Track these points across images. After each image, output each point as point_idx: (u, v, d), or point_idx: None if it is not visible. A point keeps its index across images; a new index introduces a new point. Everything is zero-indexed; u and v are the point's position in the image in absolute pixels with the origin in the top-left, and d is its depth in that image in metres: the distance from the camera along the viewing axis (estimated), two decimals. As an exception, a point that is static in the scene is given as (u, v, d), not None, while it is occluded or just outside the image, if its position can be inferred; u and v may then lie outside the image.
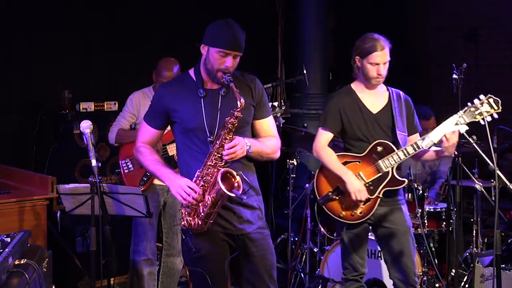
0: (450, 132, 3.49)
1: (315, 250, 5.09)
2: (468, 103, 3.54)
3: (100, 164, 3.33)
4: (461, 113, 3.54)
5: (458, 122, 3.51)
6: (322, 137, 3.79)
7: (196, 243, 3.05)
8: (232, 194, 2.88)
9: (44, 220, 4.01)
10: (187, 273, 4.54)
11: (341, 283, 3.96)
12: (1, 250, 2.75)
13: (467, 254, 5.12)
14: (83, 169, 5.11)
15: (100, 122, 4.97)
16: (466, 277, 4.80)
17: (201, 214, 2.96)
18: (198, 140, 3.05)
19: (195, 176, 2.99)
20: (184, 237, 3.08)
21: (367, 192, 3.67)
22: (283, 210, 5.56)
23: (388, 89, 3.83)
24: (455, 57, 5.78)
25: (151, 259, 4.40)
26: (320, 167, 3.82)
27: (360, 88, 3.80)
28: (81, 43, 5.69)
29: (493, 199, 4.26)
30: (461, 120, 3.52)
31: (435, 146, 3.61)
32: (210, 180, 2.95)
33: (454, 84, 4.26)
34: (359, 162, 3.73)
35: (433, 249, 5.02)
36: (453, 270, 4.56)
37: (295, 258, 5.23)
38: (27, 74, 5.42)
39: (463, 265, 5.02)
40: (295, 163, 5.25)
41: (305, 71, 5.24)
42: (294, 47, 6.96)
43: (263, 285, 3.12)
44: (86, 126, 3.41)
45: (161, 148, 4.22)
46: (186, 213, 3.01)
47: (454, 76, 4.28)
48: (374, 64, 3.66)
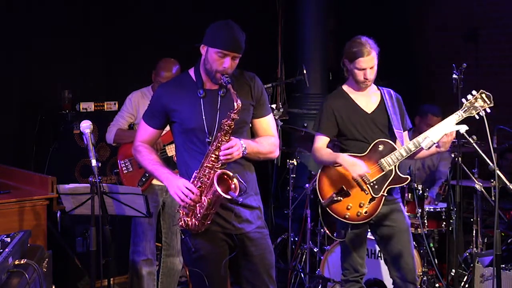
0: (453, 132, 3.53)
1: (315, 250, 5.09)
2: (463, 100, 3.60)
3: (100, 164, 3.33)
4: (460, 112, 3.58)
5: (457, 120, 3.57)
6: (318, 141, 3.80)
7: (195, 243, 3.05)
8: (228, 196, 2.88)
9: (44, 220, 4.01)
10: (187, 273, 4.55)
11: (341, 284, 3.95)
12: (1, 250, 2.75)
13: (467, 254, 5.12)
14: (83, 169, 5.11)
15: (100, 122, 4.97)
16: (466, 277, 4.80)
17: (198, 215, 2.97)
18: (197, 140, 3.05)
19: (193, 177, 2.99)
20: (184, 237, 3.08)
21: (372, 191, 3.67)
22: (283, 210, 5.56)
23: (379, 88, 3.84)
24: (455, 57, 5.78)
25: (151, 259, 4.40)
26: (321, 169, 3.81)
27: (352, 89, 3.81)
28: (81, 43, 5.69)
29: (493, 199, 4.26)
30: (456, 116, 3.59)
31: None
32: (207, 181, 2.95)
33: (454, 84, 4.26)
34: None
35: (433, 249, 5.02)
36: (453, 270, 4.56)
37: (295, 258, 5.22)
38: (27, 74, 5.42)
39: (463, 265, 5.02)
40: (295, 163, 5.25)
41: (305, 71, 5.24)
42: (294, 47, 6.96)
43: (262, 285, 3.12)
44: (86, 126, 3.41)
45: (160, 148, 4.22)
46: (184, 214, 3.02)
47: (454, 76, 4.28)
48: (360, 69, 3.67)
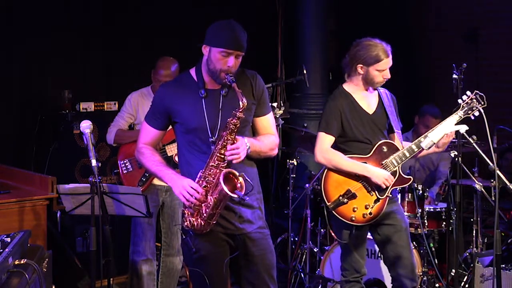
0: (453, 132, 3.57)
1: (315, 250, 5.09)
2: (458, 100, 3.65)
3: (100, 164, 3.33)
4: (460, 113, 3.60)
5: (455, 120, 3.62)
6: (325, 141, 3.74)
7: (196, 243, 3.05)
8: (235, 195, 2.88)
9: (44, 220, 4.01)
10: (187, 273, 4.54)
11: (341, 284, 3.95)
12: (1, 250, 2.75)
13: (467, 254, 5.12)
14: (83, 169, 5.11)
15: (100, 122, 4.96)
16: (466, 277, 4.80)
17: (204, 215, 2.96)
18: (199, 141, 3.06)
19: (198, 176, 2.99)
20: (185, 237, 3.08)
21: (378, 193, 3.69)
22: (283, 210, 5.56)
23: (376, 88, 3.84)
24: (455, 57, 5.78)
25: (151, 259, 4.40)
26: (326, 171, 3.76)
27: (354, 89, 3.80)
28: (81, 43, 5.69)
29: (493, 199, 4.26)
30: (457, 117, 3.63)
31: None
32: (213, 180, 2.95)
33: (454, 84, 4.26)
34: (365, 163, 3.72)
35: (433, 249, 5.01)
36: (453, 270, 4.55)
37: (295, 258, 5.22)
38: (27, 74, 5.42)
39: (463, 265, 5.01)
40: (295, 163, 5.24)
41: (305, 71, 5.24)
42: (294, 47, 6.96)
43: (263, 285, 3.12)
44: (86, 126, 3.41)
45: (159, 148, 4.22)
46: (189, 214, 3.01)
47: (454, 76, 4.28)
48: (382, 70, 3.68)
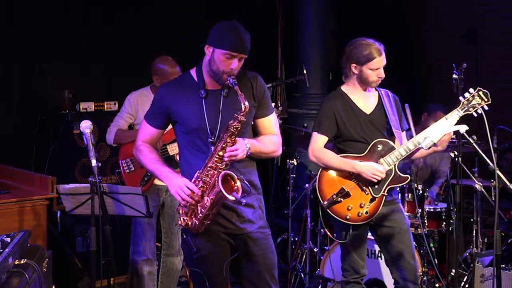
0: (452, 132, 3.55)
1: (315, 250, 5.09)
2: (460, 98, 3.62)
3: (100, 164, 3.33)
4: (459, 111, 3.59)
5: (455, 119, 3.58)
6: (318, 141, 3.77)
7: (197, 242, 3.05)
8: (232, 198, 2.88)
9: (44, 220, 4.01)
10: (187, 273, 4.55)
11: (341, 285, 3.94)
12: (1, 250, 2.75)
13: (467, 254, 5.12)
14: (83, 169, 5.10)
15: (100, 122, 4.96)
16: (466, 277, 4.80)
17: (199, 215, 2.97)
18: (200, 141, 3.06)
19: (195, 177, 2.99)
20: (185, 237, 3.08)
21: (372, 192, 3.68)
22: (283, 210, 5.56)
23: (376, 89, 3.85)
24: (455, 57, 5.78)
25: (151, 259, 4.39)
26: (321, 170, 3.79)
27: (352, 90, 3.80)
28: (81, 43, 5.69)
29: (493, 199, 4.26)
30: (457, 116, 3.59)
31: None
32: (210, 181, 2.95)
33: (454, 84, 4.26)
34: (360, 162, 3.73)
35: (433, 249, 5.02)
36: (453, 270, 4.55)
37: (295, 258, 5.23)
38: (27, 74, 5.42)
39: (463, 265, 5.02)
40: (295, 163, 5.25)
41: (305, 71, 5.24)
42: (294, 47, 6.96)
43: (265, 285, 3.12)
44: (86, 126, 3.41)
45: (160, 148, 4.22)
46: (183, 212, 3.02)
47: (454, 76, 4.28)
48: (375, 69, 3.68)
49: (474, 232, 4.96)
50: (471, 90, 3.62)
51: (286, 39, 7.08)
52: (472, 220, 5.06)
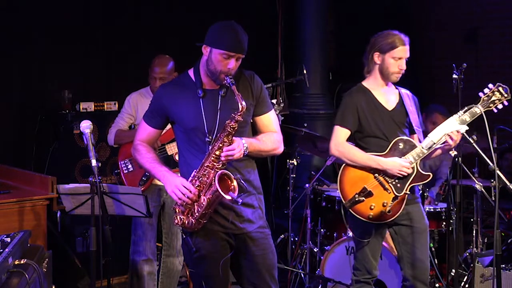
0: (455, 132, 3.51)
1: (315, 250, 5.09)
2: (480, 93, 3.58)
3: (100, 164, 3.33)
4: (461, 113, 3.57)
5: (460, 122, 3.54)
6: (340, 135, 3.69)
7: (196, 242, 3.05)
8: (228, 197, 2.88)
9: (44, 220, 4.01)
10: (187, 273, 4.54)
11: (351, 284, 3.92)
12: (1, 250, 2.75)
13: (467, 254, 5.12)
14: (83, 169, 5.11)
15: (100, 122, 4.97)
16: (466, 277, 4.80)
17: (196, 214, 2.97)
18: (198, 140, 3.06)
19: (191, 176, 3.00)
20: (185, 236, 3.08)
21: (395, 190, 3.63)
22: (283, 210, 5.56)
23: (396, 87, 3.82)
24: (455, 57, 5.78)
25: (151, 259, 4.40)
26: (342, 169, 3.72)
27: (373, 85, 3.76)
28: (81, 43, 5.69)
29: (493, 199, 4.26)
30: (463, 118, 3.55)
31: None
32: (206, 181, 2.96)
33: (454, 84, 4.26)
34: None
35: (433, 249, 5.01)
36: (453, 270, 4.55)
37: (295, 258, 5.22)
38: (27, 74, 5.42)
39: (463, 265, 5.02)
40: (295, 163, 5.25)
41: (305, 71, 5.23)
42: (294, 47, 6.96)
43: (264, 285, 3.12)
44: (86, 126, 3.41)
45: (158, 147, 4.22)
46: (180, 211, 3.02)
47: (454, 76, 4.28)
48: (397, 58, 3.64)
49: (474, 232, 4.96)
50: (490, 85, 3.57)
51: (286, 39, 7.08)
52: (472, 220, 5.06)
